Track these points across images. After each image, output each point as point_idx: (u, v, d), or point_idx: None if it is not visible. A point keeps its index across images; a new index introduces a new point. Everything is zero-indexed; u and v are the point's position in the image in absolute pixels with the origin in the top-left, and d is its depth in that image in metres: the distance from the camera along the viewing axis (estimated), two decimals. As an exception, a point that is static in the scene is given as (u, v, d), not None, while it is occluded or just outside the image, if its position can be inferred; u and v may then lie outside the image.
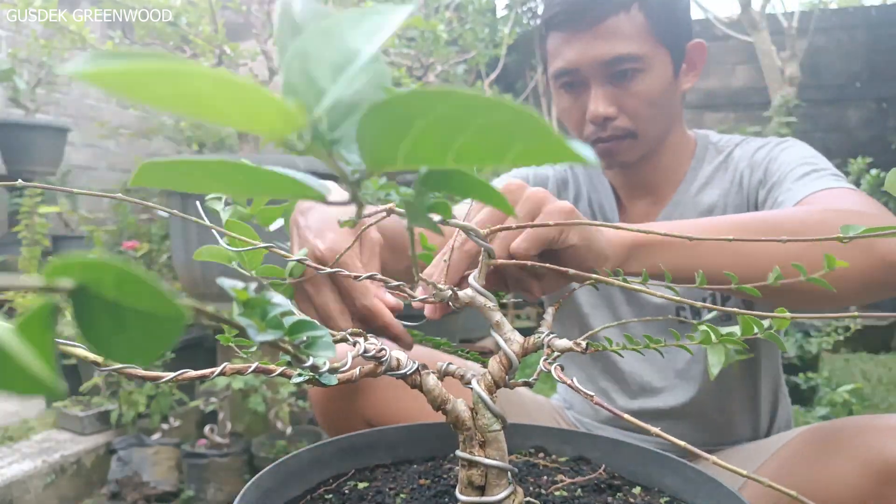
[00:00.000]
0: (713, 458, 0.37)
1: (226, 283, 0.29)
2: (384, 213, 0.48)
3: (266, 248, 0.56)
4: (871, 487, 0.71)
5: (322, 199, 0.24)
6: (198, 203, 0.61)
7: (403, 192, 0.29)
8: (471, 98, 0.19)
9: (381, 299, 0.67)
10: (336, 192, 0.26)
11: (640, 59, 0.98)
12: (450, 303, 0.53)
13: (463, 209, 0.66)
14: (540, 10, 5.04)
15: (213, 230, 0.56)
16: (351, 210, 0.28)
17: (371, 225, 0.65)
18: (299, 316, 0.33)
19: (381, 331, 0.68)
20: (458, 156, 0.21)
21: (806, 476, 0.78)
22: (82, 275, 0.20)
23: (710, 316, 0.59)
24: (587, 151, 0.20)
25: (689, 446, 0.38)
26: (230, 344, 0.52)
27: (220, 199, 0.57)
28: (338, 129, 0.24)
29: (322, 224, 0.69)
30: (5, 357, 0.17)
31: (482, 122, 0.20)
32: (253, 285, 0.30)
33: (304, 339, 0.33)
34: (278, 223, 0.59)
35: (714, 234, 0.68)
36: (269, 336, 0.30)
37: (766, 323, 0.48)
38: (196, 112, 0.19)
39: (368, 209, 0.47)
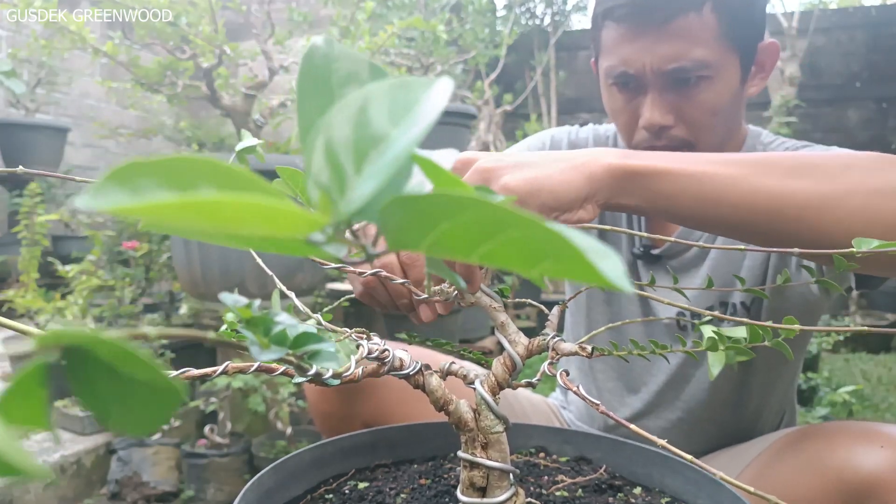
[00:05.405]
0: (699, 461, 0.37)
1: (228, 298, 0.28)
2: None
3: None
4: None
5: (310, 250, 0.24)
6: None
7: None
8: (500, 211, 0.19)
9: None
10: None
11: (708, 66, 0.87)
12: (459, 302, 0.53)
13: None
14: (539, 11, 5.05)
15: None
16: None
17: None
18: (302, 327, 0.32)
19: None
20: (483, 257, 0.20)
21: (777, 491, 0.78)
22: (75, 344, 0.19)
23: (706, 318, 0.58)
24: (618, 276, 0.18)
25: (692, 457, 0.38)
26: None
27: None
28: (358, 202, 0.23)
29: None
30: None
31: (511, 235, 0.19)
32: (257, 302, 0.30)
33: (308, 351, 0.32)
34: None
35: (728, 168, 0.60)
36: (273, 354, 0.29)
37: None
38: (229, 230, 0.20)
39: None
